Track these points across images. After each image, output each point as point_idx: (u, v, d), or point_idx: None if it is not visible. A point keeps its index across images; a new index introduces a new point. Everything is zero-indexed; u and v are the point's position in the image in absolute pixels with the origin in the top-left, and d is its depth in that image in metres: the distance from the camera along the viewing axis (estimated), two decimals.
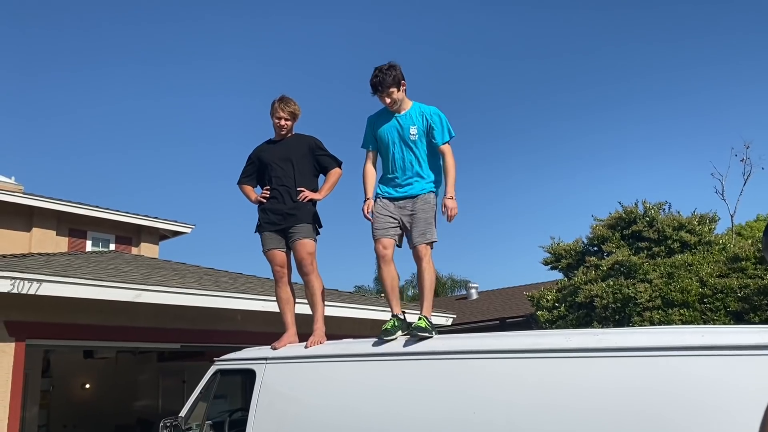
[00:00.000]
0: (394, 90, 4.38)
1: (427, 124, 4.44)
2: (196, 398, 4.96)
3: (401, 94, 4.44)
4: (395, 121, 4.49)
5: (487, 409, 3.36)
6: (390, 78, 4.34)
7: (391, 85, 4.35)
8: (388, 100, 4.40)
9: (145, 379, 13.16)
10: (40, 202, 13.53)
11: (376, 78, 4.37)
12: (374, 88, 4.40)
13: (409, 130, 4.43)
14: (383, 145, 4.56)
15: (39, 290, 6.81)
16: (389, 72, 4.36)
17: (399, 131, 4.47)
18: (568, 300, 13.56)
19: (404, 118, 4.47)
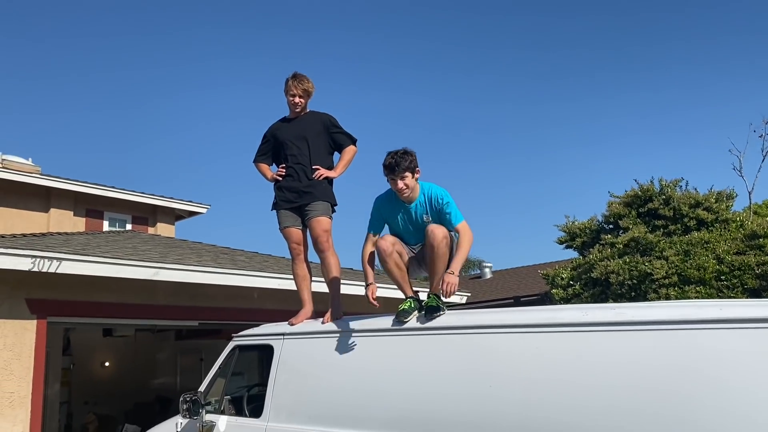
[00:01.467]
0: (409, 175, 4.19)
1: (438, 211, 4.26)
2: (215, 374, 5.02)
3: (413, 182, 4.24)
4: (406, 211, 4.34)
5: (503, 384, 3.37)
6: (406, 162, 4.16)
7: (406, 169, 4.16)
8: (401, 185, 4.18)
9: (164, 357, 13.33)
10: (57, 183, 13.67)
11: (392, 159, 4.17)
12: (388, 169, 4.18)
13: (422, 217, 4.30)
14: (396, 228, 4.44)
15: (59, 269, 6.90)
16: (405, 157, 4.17)
17: (411, 219, 4.35)
18: (583, 278, 13.52)
19: (416, 207, 4.32)
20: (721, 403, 2.72)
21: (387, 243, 4.27)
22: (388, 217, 4.46)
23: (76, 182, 13.95)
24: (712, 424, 2.70)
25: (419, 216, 4.32)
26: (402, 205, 4.36)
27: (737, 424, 2.66)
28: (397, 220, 4.41)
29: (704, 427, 2.72)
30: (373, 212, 4.53)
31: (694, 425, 2.75)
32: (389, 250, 4.25)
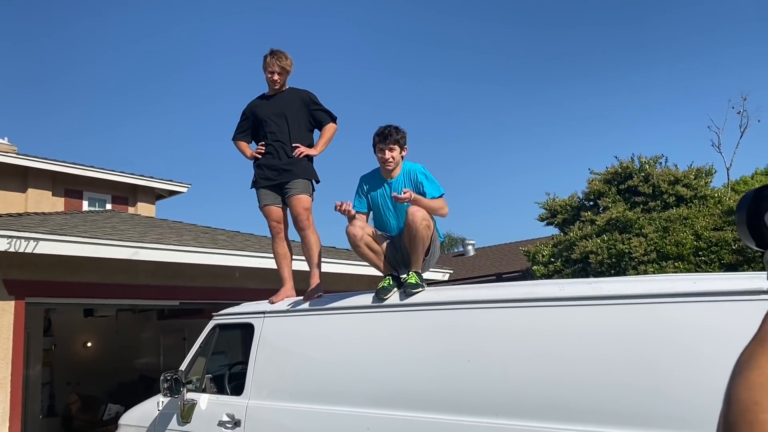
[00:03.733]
0: (397, 149, 4.33)
1: (415, 184, 4.32)
2: (195, 353, 5.02)
3: (399, 158, 4.38)
4: (386, 187, 4.41)
5: (481, 359, 3.41)
6: (398, 135, 4.33)
7: (396, 142, 4.31)
8: (387, 154, 4.31)
9: (146, 337, 13.31)
10: (35, 162, 13.45)
11: (385, 129, 4.34)
12: (380, 136, 4.33)
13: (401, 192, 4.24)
14: (376, 209, 4.50)
15: (36, 248, 6.83)
16: (397, 131, 4.35)
17: (390, 198, 4.37)
18: (563, 255, 13.66)
19: (395, 183, 4.39)
20: (695, 374, 2.77)
21: (355, 228, 4.26)
22: (370, 191, 4.50)
23: (54, 162, 13.74)
24: (687, 395, 2.75)
25: (398, 191, 4.31)
26: (384, 181, 4.42)
27: (711, 395, 2.71)
28: (378, 195, 4.45)
29: (679, 398, 2.77)
30: (357, 189, 4.57)
31: (670, 396, 2.80)
32: (359, 234, 4.25)
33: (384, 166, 4.39)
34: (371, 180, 4.52)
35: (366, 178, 4.57)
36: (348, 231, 4.29)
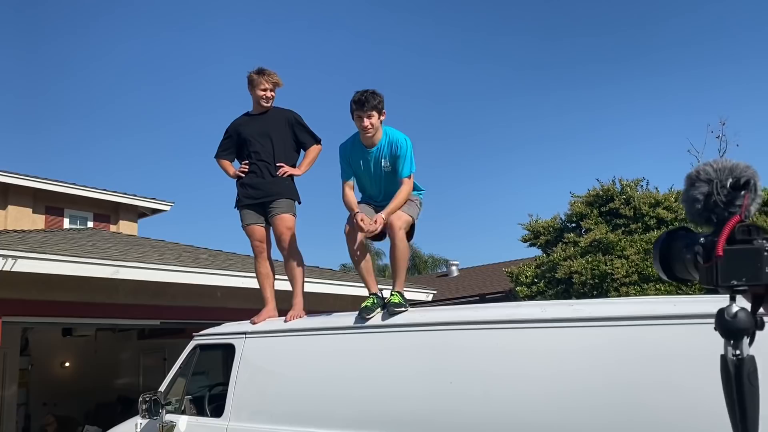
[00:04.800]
0: (375, 115, 4.23)
1: (394, 154, 4.32)
2: (175, 373, 4.96)
3: (378, 123, 4.29)
4: (367, 155, 4.38)
5: (464, 380, 3.40)
6: (375, 101, 4.21)
7: (373, 107, 4.21)
8: (366, 122, 4.22)
9: (126, 356, 13.11)
10: (14, 179, 13.31)
11: (361, 96, 4.22)
12: (357, 104, 4.21)
13: (381, 163, 4.35)
14: (358, 178, 4.50)
15: (14, 267, 6.73)
16: (374, 96, 4.23)
17: (372, 166, 4.39)
18: (546, 276, 13.72)
19: (376, 151, 4.36)
20: (675, 397, 2.78)
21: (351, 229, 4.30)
22: (352, 161, 4.47)
23: (34, 178, 13.60)
24: (668, 417, 2.76)
25: (378, 161, 4.37)
26: (363, 151, 4.39)
27: (691, 417, 2.73)
28: (360, 165, 4.44)
29: (658, 420, 2.78)
30: (340, 160, 4.55)
31: (648, 419, 2.81)
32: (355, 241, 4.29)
33: (363, 133, 4.30)
34: (352, 148, 4.46)
35: (346, 146, 4.50)
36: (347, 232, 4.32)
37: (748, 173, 1.00)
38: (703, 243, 0.97)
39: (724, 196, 0.99)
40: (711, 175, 1.01)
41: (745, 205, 0.98)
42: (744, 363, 0.93)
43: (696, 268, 1.00)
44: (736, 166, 1.01)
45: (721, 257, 0.94)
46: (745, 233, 0.96)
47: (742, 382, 0.91)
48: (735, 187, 0.99)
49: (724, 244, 0.95)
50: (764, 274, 0.94)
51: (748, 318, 0.95)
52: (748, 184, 0.99)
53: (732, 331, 0.95)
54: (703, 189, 1.02)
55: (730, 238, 0.96)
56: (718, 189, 1.00)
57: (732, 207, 0.99)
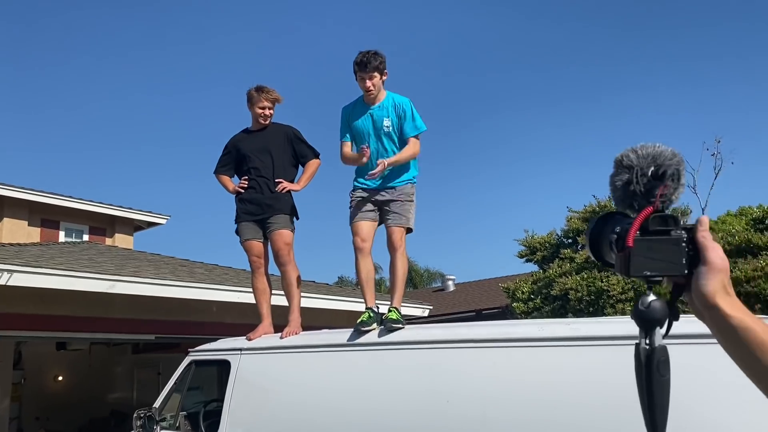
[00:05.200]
0: (377, 75, 4.36)
1: (399, 116, 4.42)
2: (170, 389, 4.93)
3: (380, 84, 4.41)
4: (369, 113, 4.47)
5: (461, 399, 3.39)
6: (376, 62, 4.33)
7: (375, 68, 4.33)
8: (368, 83, 4.34)
9: (120, 371, 13.04)
10: (10, 191, 13.28)
11: (363, 57, 4.32)
12: (359, 65, 4.33)
13: (383, 122, 4.42)
14: (358, 137, 4.53)
15: (10, 281, 6.71)
16: (375, 57, 4.33)
17: (373, 123, 4.45)
18: (543, 292, 13.71)
19: (378, 109, 4.44)
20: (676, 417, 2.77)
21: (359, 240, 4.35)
22: (353, 120, 4.53)
23: (30, 191, 13.58)
24: None
25: (380, 119, 4.42)
26: (366, 108, 4.47)
27: None
28: (360, 122, 4.49)
29: None
30: (341, 121, 4.63)
31: None
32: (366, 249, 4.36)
33: (367, 94, 4.42)
34: (353, 109, 4.55)
35: (348, 108, 4.60)
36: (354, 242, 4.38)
37: (672, 162, 0.97)
38: (618, 232, 0.96)
39: (643, 185, 0.97)
40: (633, 162, 0.98)
41: (659, 195, 0.96)
42: (654, 353, 0.92)
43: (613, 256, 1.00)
44: (660, 153, 0.97)
45: (631, 248, 0.93)
46: (662, 224, 0.95)
47: (651, 372, 0.92)
48: (655, 176, 0.97)
49: (635, 234, 0.93)
50: (681, 265, 0.93)
51: (662, 308, 0.93)
52: (665, 174, 0.96)
53: (646, 321, 0.94)
54: (624, 176, 0.98)
55: (644, 228, 0.94)
56: (638, 177, 0.97)
57: (651, 196, 0.96)
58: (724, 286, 0.90)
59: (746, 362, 0.87)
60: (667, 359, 0.93)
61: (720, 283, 0.90)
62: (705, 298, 0.90)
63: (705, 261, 0.91)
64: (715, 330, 0.91)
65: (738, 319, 0.87)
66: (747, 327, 0.86)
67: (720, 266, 0.90)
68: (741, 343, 0.86)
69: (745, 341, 0.86)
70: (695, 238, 0.93)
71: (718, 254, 0.91)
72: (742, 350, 0.86)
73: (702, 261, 0.91)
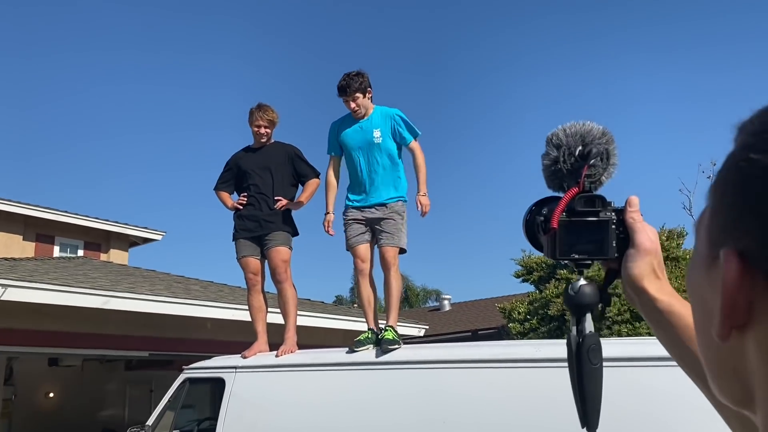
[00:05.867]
0: (360, 96, 4.44)
1: (392, 126, 4.48)
2: (164, 407, 4.88)
3: (366, 101, 4.49)
4: (358, 126, 4.53)
5: (457, 419, 3.37)
6: (357, 83, 4.42)
7: (357, 90, 4.41)
8: (353, 105, 4.44)
9: (112, 388, 12.91)
10: (5, 205, 13.24)
11: (343, 81, 4.43)
12: (340, 90, 4.44)
13: (372, 133, 4.46)
14: (348, 151, 4.57)
15: (4, 296, 6.67)
16: (356, 78, 4.42)
17: (362, 136, 4.50)
18: (539, 313, 13.69)
19: (367, 122, 4.51)
20: None
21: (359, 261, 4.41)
22: (342, 135, 4.58)
23: (25, 205, 13.55)
24: None
25: (370, 131, 4.47)
26: (354, 122, 4.54)
27: None
28: (349, 135, 4.54)
29: None
30: (329, 135, 4.70)
31: None
32: (366, 270, 4.42)
33: (354, 115, 4.51)
34: (342, 124, 4.62)
35: (337, 123, 4.67)
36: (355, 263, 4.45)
37: (601, 142, 0.92)
38: (545, 213, 0.92)
39: (570, 165, 0.92)
40: (561, 140, 0.93)
41: (584, 176, 0.91)
42: (585, 339, 0.89)
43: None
44: (589, 131, 0.93)
45: (555, 229, 0.89)
46: (589, 204, 0.90)
47: (582, 359, 0.89)
48: (582, 156, 0.92)
49: (560, 216, 0.89)
50: (610, 248, 0.89)
51: (593, 293, 0.90)
52: (591, 153, 0.91)
53: (576, 306, 0.91)
54: (552, 155, 0.94)
55: (570, 209, 0.90)
56: (565, 156, 0.92)
57: (579, 176, 0.91)
58: (653, 270, 0.86)
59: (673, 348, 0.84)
60: (599, 346, 0.90)
61: (648, 266, 0.86)
62: (633, 281, 0.86)
63: (633, 243, 0.87)
64: (644, 314, 0.87)
65: (665, 302, 0.84)
66: (674, 311, 0.83)
67: (649, 248, 0.87)
68: (668, 327, 0.83)
69: (671, 325, 0.83)
70: (625, 219, 0.89)
71: (648, 236, 0.88)
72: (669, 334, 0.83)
73: (630, 243, 0.88)
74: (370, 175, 4.46)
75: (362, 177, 4.48)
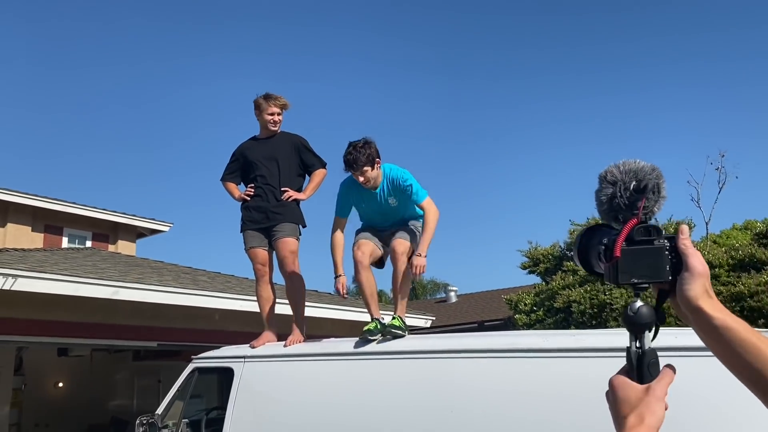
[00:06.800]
0: (368, 169, 4.25)
1: (402, 192, 4.38)
2: (173, 396, 4.92)
3: (375, 172, 4.31)
4: (372, 198, 4.45)
5: (464, 408, 3.38)
6: (364, 156, 4.22)
7: (365, 163, 4.23)
8: (362, 179, 4.28)
9: (120, 378, 13.01)
10: (15, 197, 13.32)
11: (350, 155, 4.24)
12: (348, 165, 4.27)
13: (388, 201, 4.41)
14: (362, 213, 4.55)
15: (14, 286, 6.72)
16: (363, 150, 4.23)
17: (377, 205, 4.46)
18: (546, 304, 13.69)
19: (380, 192, 4.42)
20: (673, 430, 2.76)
21: (360, 253, 4.35)
22: (355, 202, 4.53)
23: (34, 197, 13.62)
24: None
25: (385, 200, 4.41)
26: (366, 192, 4.44)
27: None
28: (364, 206, 4.49)
29: None
30: (339, 197, 4.58)
31: None
32: (365, 262, 4.34)
33: (363, 186, 4.38)
34: (354, 191, 4.50)
35: (348, 188, 4.52)
36: (354, 255, 4.36)
37: (652, 176, 1.03)
38: (606, 243, 1.02)
39: (626, 199, 1.02)
40: (616, 177, 1.04)
41: (641, 208, 1.01)
42: (645, 355, 0.97)
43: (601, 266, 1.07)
44: (641, 168, 1.04)
45: (618, 257, 0.99)
46: (645, 234, 1.01)
47: (643, 373, 0.97)
48: (637, 190, 1.02)
49: (621, 245, 0.99)
50: (665, 272, 0.98)
51: (650, 313, 0.98)
52: (646, 188, 1.02)
53: (635, 325, 0.99)
54: (608, 191, 1.04)
55: (630, 238, 1.00)
56: (621, 191, 1.03)
57: (634, 209, 1.02)
58: (705, 290, 0.94)
59: (731, 361, 0.92)
60: (657, 361, 0.97)
61: (702, 287, 0.94)
62: (689, 301, 0.94)
63: (687, 267, 0.96)
64: (700, 332, 0.96)
65: (720, 319, 0.92)
66: (729, 326, 0.91)
67: (701, 271, 0.95)
68: (725, 343, 0.92)
69: (728, 340, 0.91)
70: (677, 246, 0.98)
71: (698, 260, 0.96)
72: (726, 349, 0.92)
73: (684, 267, 0.96)
74: (392, 225, 4.49)
75: (378, 225, 4.51)
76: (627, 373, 0.99)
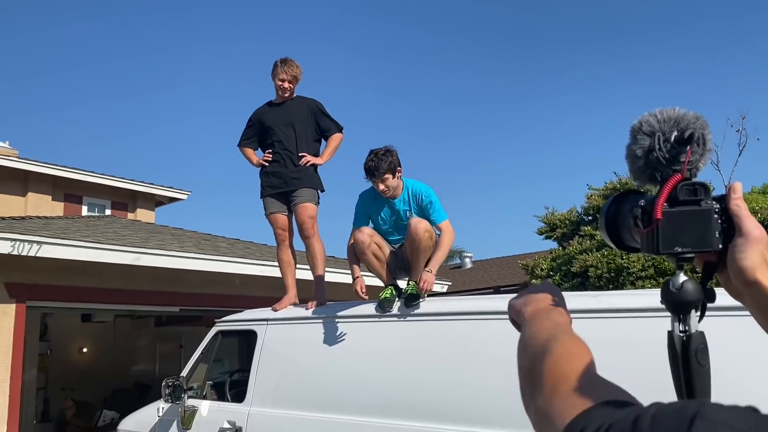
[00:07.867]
0: (389, 176, 4.19)
1: (421, 208, 4.30)
2: (197, 359, 5.03)
3: (396, 181, 4.25)
4: (390, 208, 4.39)
5: (485, 369, 3.43)
6: (386, 164, 4.15)
7: (386, 171, 4.16)
8: (382, 187, 4.21)
9: (143, 343, 13.26)
10: (35, 166, 13.48)
11: (371, 162, 4.17)
12: (369, 173, 4.20)
13: (405, 214, 4.34)
14: (378, 226, 4.47)
15: (39, 252, 6.84)
16: (385, 158, 4.16)
17: (395, 218, 4.40)
18: (562, 269, 13.68)
19: (400, 203, 4.35)
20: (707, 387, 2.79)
21: (365, 235, 4.30)
22: (373, 213, 4.49)
23: (54, 166, 13.77)
24: None
25: (403, 213, 4.36)
26: (386, 202, 4.39)
27: None
28: (381, 216, 4.44)
29: None
30: (357, 207, 4.55)
31: None
32: (367, 241, 4.28)
33: (383, 195, 4.33)
34: (372, 201, 4.47)
35: (367, 198, 4.50)
36: (357, 237, 4.31)
37: (697, 125, 0.86)
38: (643, 205, 0.85)
39: (666, 152, 0.86)
40: (654, 127, 0.87)
41: (686, 162, 0.85)
42: (692, 340, 0.82)
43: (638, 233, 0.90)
44: (683, 116, 0.87)
45: (660, 220, 0.82)
46: (691, 193, 0.83)
47: (690, 361, 0.82)
48: (680, 141, 0.85)
49: (663, 206, 0.83)
50: (714, 239, 0.81)
51: (696, 289, 0.83)
52: (692, 137, 0.85)
53: (678, 304, 0.83)
54: (645, 143, 0.88)
55: (672, 198, 0.83)
56: (660, 143, 0.86)
57: (676, 164, 0.86)
58: (765, 259, 0.77)
59: None
60: (706, 346, 0.82)
61: (760, 255, 0.77)
62: (744, 273, 0.77)
63: (741, 232, 0.79)
64: (754, 308, 0.79)
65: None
66: None
67: (759, 236, 0.78)
68: None
69: None
70: (728, 207, 0.81)
71: (754, 224, 0.79)
72: None
73: (738, 233, 0.79)
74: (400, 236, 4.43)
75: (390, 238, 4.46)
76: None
